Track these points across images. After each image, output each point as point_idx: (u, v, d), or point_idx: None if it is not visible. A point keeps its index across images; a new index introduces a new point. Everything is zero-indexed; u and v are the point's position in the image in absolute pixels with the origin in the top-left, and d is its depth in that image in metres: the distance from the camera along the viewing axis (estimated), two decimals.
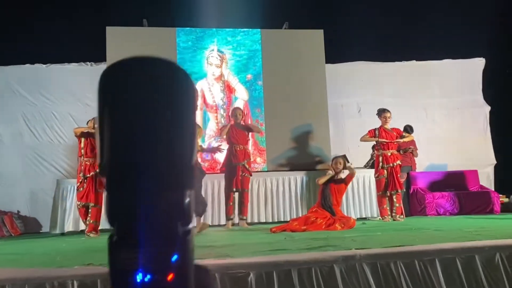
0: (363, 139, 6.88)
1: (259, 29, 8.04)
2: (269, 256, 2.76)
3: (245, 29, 7.99)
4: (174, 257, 1.00)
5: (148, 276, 0.95)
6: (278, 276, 2.56)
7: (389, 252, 2.76)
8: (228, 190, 6.41)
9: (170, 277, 0.97)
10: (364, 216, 7.33)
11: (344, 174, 5.83)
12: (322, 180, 5.64)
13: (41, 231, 7.72)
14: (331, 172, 5.73)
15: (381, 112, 6.81)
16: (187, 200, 1.11)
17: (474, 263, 2.77)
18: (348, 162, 5.95)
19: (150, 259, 0.97)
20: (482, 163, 9.04)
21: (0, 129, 8.04)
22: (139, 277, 0.94)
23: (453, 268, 2.74)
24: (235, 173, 6.32)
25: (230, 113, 6.70)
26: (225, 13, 7.85)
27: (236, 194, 6.46)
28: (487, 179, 9.03)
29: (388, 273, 2.67)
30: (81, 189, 5.93)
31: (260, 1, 7.86)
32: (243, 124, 6.64)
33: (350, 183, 6.97)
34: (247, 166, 6.44)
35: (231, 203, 6.36)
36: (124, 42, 7.56)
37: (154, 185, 1.06)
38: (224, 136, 6.46)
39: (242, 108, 7.08)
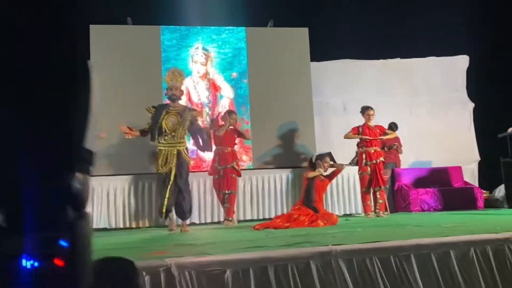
0: (346, 136, 6.95)
1: (244, 27, 8.04)
2: (246, 253, 2.78)
3: (230, 27, 7.99)
4: (62, 243, 0.98)
5: (34, 262, 0.93)
6: (255, 273, 2.58)
7: (365, 248, 2.79)
8: (218, 192, 6.41)
9: (57, 262, 0.95)
10: (349, 213, 7.38)
11: (328, 171, 5.87)
12: (312, 174, 5.67)
13: None
14: (321, 170, 5.75)
15: (365, 110, 6.87)
16: (77, 183, 1.06)
17: (449, 258, 2.80)
18: (333, 159, 6.00)
19: (35, 244, 0.95)
20: (466, 160, 9.13)
21: None
22: (24, 263, 0.93)
23: (429, 264, 2.77)
24: (224, 175, 6.32)
25: (223, 115, 6.62)
26: (210, 11, 7.83)
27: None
28: (471, 175, 9.11)
29: (364, 269, 2.70)
30: None
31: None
32: (236, 129, 6.65)
33: (335, 179, 7.06)
34: (236, 167, 6.45)
35: (227, 205, 6.35)
36: (108, 40, 7.53)
37: (37, 168, 1.00)
38: (220, 133, 6.36)
39: (232, 109, 7.09)
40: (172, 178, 5.11)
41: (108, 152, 7.28)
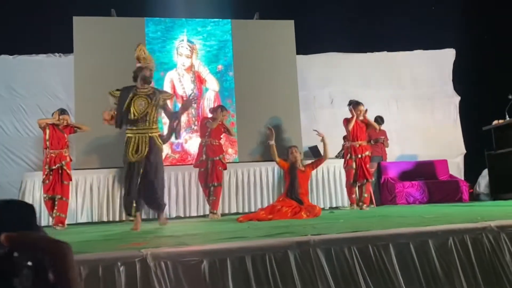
0: (347, 123, 6.81)
1: (229, 20, 8.00)
2: (223, 243, 2.75)
3: (215, 20, 7.94)
4: None
5: None
6: (232, 263, 2.55)
7: (343, 237, 2.77)
8: (205, 185, 6.36)
9: None
10: (335, 206, 7.39)
11: (302, 163, 5.86)
12: (275, 156, 5.70)
13: None
14: (293, 159, 5.69)
15: (356, 106, 6.79)
16: None
17: (427, 248, 2.79)
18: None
19: None
20: (452, 153, 9.18)
21: None
22: None
23: (407, 253, 2.76)
24: (213, 168, 6.28)
25: (215, 108, 6.58)
26: (195, 3, 7.78)
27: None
28: (457, 168, 9.17)
29: (342, 259, 2.67)
30: (47, 181, 5.84)
31: None
32: (224, 124, 6.61)
33: (320, 171, 7.05)
34: (223, 160, 6.43)
35: (213, 198, 6.30)
36: (92, 32, 7.45)
37: None
38: (212, 126, 6.30)
39: (222, 104, 7.05)
40: (143, 168, 4.51)
41: (92, 145, 7.22)
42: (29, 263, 0.48)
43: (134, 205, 4.54)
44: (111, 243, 3.26)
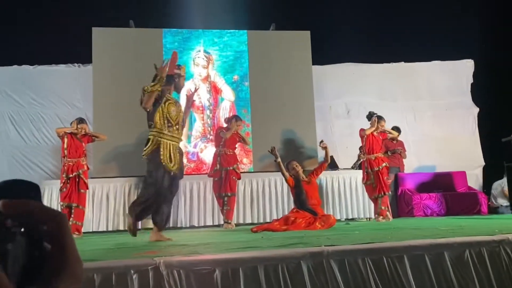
0: (364, 133, 6.76)
1: (245, 31, 8.05)
2: (236, 252, 2.74)
3: (231, 30, 7.99)
4: None
5: None
6: (245, 272, 2.54)
7: (357, 248, 2.74)
8: (219, 195, 6.39)
9: None
10: (351, 217, 7.32)
11: (305, 174, 5.86)
12: (284, 172, 5.70)
13: None
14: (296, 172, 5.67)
15: (380, 119, 6.74)
16: None
17: (443, 260, 2.75)
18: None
19: None
20: (471, 165, 9.05)
21: None
22: None
23: (422, 265, 2.71)
24: (226, 177, 6.31)
25: (230, 118, 6.64)
26: (211, 14, 7.86)
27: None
28: (475, 180, 9.03)
29: (355, 270, 2.65)
30: (64, 189, 5.91)
31: (247, 2, 7.87)
32: (239, 133, 6.67)
33: (333, 180, 7.00)
34: (237, 170, 6.46)
35: (227, 207, 6.32)
36: (110, 43, 7.56)
37: None
38: (226, 136, 6.35)
39: (237, 114, 7.07)
40: (170, 181, 4.16)
41: (109, 154, 7.30)
42: (22, 230, 0.48)
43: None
44: (125, 251, 3.28)
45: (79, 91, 8.29)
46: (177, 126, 4.28)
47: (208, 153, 7.43)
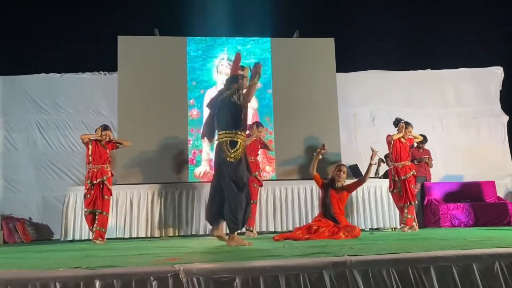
0: (390, 138, 6.64)
1: (269, 38, 8.03)
2: (256, 261, 2.69)
3: (255, 38, 7.99)
4: None
5: None
6: (265, 281, 2.49)
7: (381, 259, 2.66)
8: None
9: None
10: (376, 227, 7.19)
11: (344, 183, 5.67)
12: (313, 169, 5.61)
13: (52, 238, 7.78)
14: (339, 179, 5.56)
15: (407, 125, 6.62)
16: None
17: (471, 272, 2.64)
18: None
19: None
20: (500, 174, 8.81)
21: (15, 136, 8.18)
22: None
23: (449, 277, 2.62)
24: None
25: (250, 125, 6.61)
26: (235, 22, 7.88)
27: None
28: (505, 190, 8.79)
29: (380, 281, 2.57)
30: (88, 196, 5.97)
31: (270, 10, 7.86)
32: (261, 140, 6.65)
33: (360, 192, 6.87)
34: (258, 177, 6.43)
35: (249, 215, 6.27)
36: (135, 51, 7.64)
37: None
38: (246, 143, 6.34)
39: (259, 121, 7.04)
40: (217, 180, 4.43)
41: (133, 161, 7.35)
42: None
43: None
44: (146, 257, 3.26)
45: (104, 98, 8.41)
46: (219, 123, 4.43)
47: None
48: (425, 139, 7.77)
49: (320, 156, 5.76)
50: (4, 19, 8.24)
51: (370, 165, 5.81)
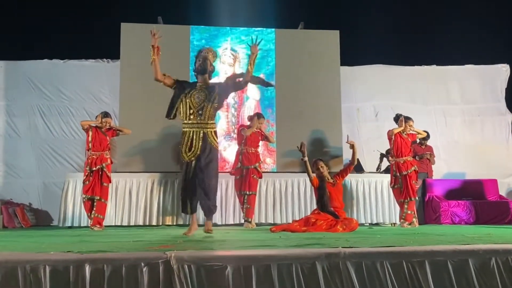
0: (391, 133, 6.59)
1: (273, 29, 7.96)
2: (248, 250, 2.66)
3: (259, 29, 7.91)
4: None
5: None
6: (257, 270, 2.46)
7: (376, 251, 2.62)
8: (239, 193, 6.36)
9: None
10: (375, 222, 7.15)
11: (331, 175, 5.66)
12: (310, 173, 5.55)
13: (51, 224, 7.79)
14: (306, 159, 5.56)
15: (407, 119, 6.55)
16: None
17: (467, 267, 2.61)
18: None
19: None
20: (503, 173, 8.74)
21: (16, 121, 8.16)
22: None
23: (444, 272, 2.58)
24: (247, 176, 6.27)
25: (251, 116, 6.61)
26: (239, 12, 7.81)
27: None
28: (507, 189, 8.72)
29: (373, 273, 2.53)
30: (87, 182, 5.95)
31: (276, 0, 7.79)
32: (262, 132, 6.60)
33: (358, 184, 6.82)
34: (258, 169, 6.41)
35: (247, 206, 6.26)
36: (138, 38, 7.58)
37: None
38: (247, 133, 6.32)
39: (260, 112, 7.00)
40: (195, 168, 4.29)
41: (134, 149, 7.34)
42: None
43: (189, 207, 4.38)
44: (140, 244, 3.25)
45: (107, 86, 8.38)
46: (200, 112, 4.34)
47: (231, 151, 7.38)
48: (428, 136, 7.69)
49: (306, 158, 5.63)
50: (9, 5, 8.21)
51: (354, 151, 5.87)
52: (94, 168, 5.93)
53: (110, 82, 8.25)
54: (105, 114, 6.20)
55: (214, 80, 7.51)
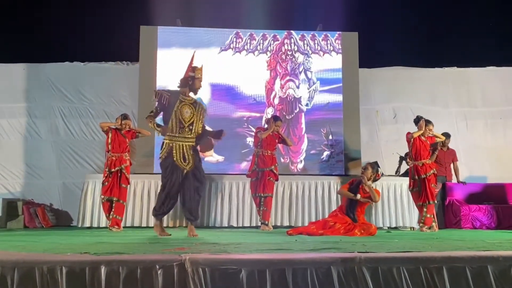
0: (410, 136, 6.50)
1: (292, 31, 7.93)
2: (263, 254, 2.65)
3: (278, 30, 7.90)
4: None
5: None
6: (271, 275, 2.45)
7: (392, 256, 2.59)
8: (255, 195, 6.35)
9: None
10: (394, 226, 7.07)
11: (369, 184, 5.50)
12: (344, 192, 5.35)
13: (71, 224, 7.89)
14: (359, 196, 5.26)
15: (428, 123, 6.46)
16: None
17: (486, 274, 2.55)
18: (378, 170, 5.57)
19: None
20: None
21: (38, 123, 8.29)
22: None
23: (462, 278, 2.53)
24: (262, 178, 6.26)
25: (269, 119, 6.61)
26: (258, 15, 7.81)
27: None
28: None
29: (389, 279, 2.50)
30: (106, 183, 6.02)
31: (294, 2, 7.78)
32: (279, 134, 6.58)
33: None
34: (274, 171, 6.38)
35: (264, 208, 6.25)
36: (157, 41, 7.65)
37: None
38: (262, 136, 6.32)
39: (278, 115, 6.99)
40: (182, 178, 4.50)
41: (152, 151, 7.39)
42: None
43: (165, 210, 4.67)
44: (156, 246, 3.26)
45: (126, 88, 8.45)
46: (190, 127, 4.53)
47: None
48: (448, 136, 7.50)
49: (359, 196, 5.30)
50: (31, 8, 8.36)
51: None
52: (113, 170, 5.99)
53: (129, 85, 8.33)
54: (125, 116, 6.26)
55: None
